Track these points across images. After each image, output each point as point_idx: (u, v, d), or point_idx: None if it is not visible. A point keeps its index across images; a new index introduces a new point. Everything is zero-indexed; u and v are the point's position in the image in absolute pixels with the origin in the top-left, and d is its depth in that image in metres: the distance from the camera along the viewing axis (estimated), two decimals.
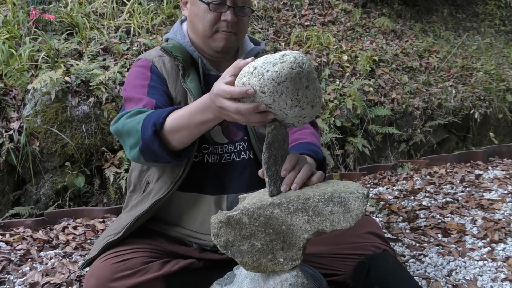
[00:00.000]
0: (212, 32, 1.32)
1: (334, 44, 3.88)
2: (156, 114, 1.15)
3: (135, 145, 1.17)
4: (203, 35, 1.33)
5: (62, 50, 2.77)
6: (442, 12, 5.67)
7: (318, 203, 0.99)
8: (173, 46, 1.36)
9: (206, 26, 1.31)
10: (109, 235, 1.29)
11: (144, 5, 3.49)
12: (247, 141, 1.41)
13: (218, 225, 1.03)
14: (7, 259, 1.88)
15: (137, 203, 1.35)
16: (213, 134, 1.39)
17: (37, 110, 2.41)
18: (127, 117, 1.20)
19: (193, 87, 1.32)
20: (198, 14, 1.32)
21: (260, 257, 1.04)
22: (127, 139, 1.20)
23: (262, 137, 1.38)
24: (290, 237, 1.02)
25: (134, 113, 1.20)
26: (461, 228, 2.19)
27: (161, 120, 1.12)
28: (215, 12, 1.29)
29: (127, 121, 1.19)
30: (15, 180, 2.38)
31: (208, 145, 1.37)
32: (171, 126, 1.12)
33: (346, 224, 0.99)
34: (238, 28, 1.34)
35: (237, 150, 1.40)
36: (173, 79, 1.35)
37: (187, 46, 1.38)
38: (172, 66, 1.36)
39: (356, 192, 0.98)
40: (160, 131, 1.12)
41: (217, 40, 1.33)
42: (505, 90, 4.06)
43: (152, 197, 1.30)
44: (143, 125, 1.14)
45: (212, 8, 1.29)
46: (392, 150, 3.39)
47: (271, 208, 1.01)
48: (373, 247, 1.32)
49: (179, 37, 1.40)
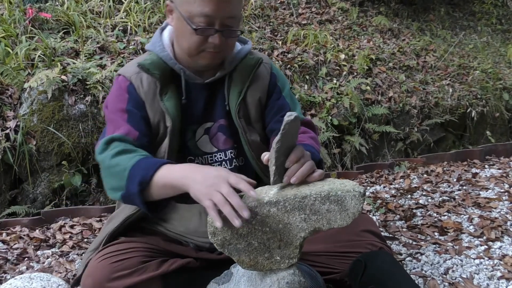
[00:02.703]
0: (198, 52, 1.26)
1: (331, 43, 3.88)
2: (143, 169, 1.13)
3: (117, 190, 1.17)
4: (188, 53, 1.27)
5: (58, 48, 2.77)
6: (439, 11, 5.68)
7: (315, 202, 0.99)
8: (151, 62, 1.30)
9: (192, 47, 1.24)
10: (90, 251, 1.33)
11: (141, 4, 3.48)
12: (237, 149, 1.39)
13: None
14: (4, 258, 1.88)
15: (114, 215, 1.38)
16: (200, 144, 1.37)
17: (34, 109, 2.40)
18: (112, 156, 1.18)
19: (170, 106, 1.28)
20: (184, 33, 1.24)
21: (257, 256, 1.04)
22: (110, 180, 1.20)
23: (254, 144, 1.36)
24: (287, 236, 1.02)
25: (119, 151, 1.18)
26: (457, 227, 2.19)
27: (147, 179, 1.11)
28: (202, 35, 1.22)
29: (112, 162, 1.17)
30: (11, 179, 2.38)
31: (194, 157, 1.36)
32: (154, 188, 1.13)
33: (342, 222, 0.99)
34: (225, 47, 1.28)
35: (228, 158, 1.38)
36: (150, 98, 1.29)
37: (167, 60, 1.32)
38: (149, 83, 1.30)
39: (353, 190, 0.98)
40: (145, 190, 1.13)
41: (203, 59, 1.27)
42: (502, 89, 4.07)
43: (125, 211, 1.32)
44: (129, 177, 1.13)
45: (199, 33, 1.21)
46: (389, 149, 3.40)
47: (267, 206, 1.01)
48: (370, 245, 1.32)
49: (158, 49, 1.33)
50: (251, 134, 1.37)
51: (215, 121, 1.38)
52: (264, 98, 1.39)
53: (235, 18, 1.25)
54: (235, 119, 1.34)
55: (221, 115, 1.37)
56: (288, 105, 1.40)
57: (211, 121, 1.38)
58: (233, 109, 1.34)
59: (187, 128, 1.35)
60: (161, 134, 1.30)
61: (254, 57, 1.40)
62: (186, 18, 1.21)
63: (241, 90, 1.35)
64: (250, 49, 1.42)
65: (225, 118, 1.37)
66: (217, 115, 1.38)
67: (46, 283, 1.43)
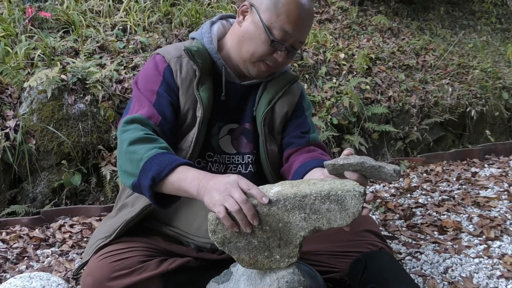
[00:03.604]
0: (257, 60, 1.28)
1: (331, 42, 3.88)
2: (159, 165, 1.12)
3: (130, 175, 1.16)
4: (248, 57, 1.29)
5: (58, 48, 2.76)
6: (439, 10, 5.67)
7: (315, 201, 0.99)
8: (197, 49, 1.30)
9: (256, 54, 1.27)
10: (100, 237, 1.29)
11: (141, 3, 3.48)
12: (256, 155, 1.40)
13: (215, 222, 1.03)
14: (4, 257, 1.88)
15: (128, 202, 1.35)
16: (222, 143, 1.37)
17: (33, 108, 2.40)
18: (131, 142, 1.17)
19: (205, 96, 1.28)
20: (255, 39, 1.25)
21: (257, 254, 1.04)
22: (124, 163, 1.19)
23: (272, 153, 1.38)
24: (286, 235, 1.02)
25: (139, 138, 1.17)
26: (457, 226, 2.19)
27: (161, 176, 1.11)
28: (273, 48, 1.25)
29: (130, 148, 1.16)
30: (11, 179, 2.38)
31: (213, 153, 1.36)
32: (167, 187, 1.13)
33: (342, 222, 0.99)
34: (281, 65, 1.32)
35: (245, 162, 1.39)
36: (186, 84, 1.30)
37: (212, 53, 1.33)
38: (188, 70, 1.30)
39: (353, 190, 0.98)
40: (156, 185, 1.12)
41: (257, 68, 1.30)
42: (501, 88, 4.07)
43: (144, 200, 1.29)
44: (143, 168, 1.12)
45: (272, 45, 1.24)
46: (388, 148, 3.40)
47: (268, 205, 1.01)
48: (370, 245, 1.33)
49: (206, 40, 1.34)
50: (271, 143, 1.39)
51: (241, 124, 1.39)
52: (290, 113, 1.43)
53: (303, 43, 1.31)
54: (260, 126, 1.36)
55: (248, 119, 1.39)
56: (309, 125, 1.45)
57: (237, 123, 1.39)
58: (259, 116, 1.36)
59: (214, 123, 1.35)
60: (188, 123, 1.30)
61: (292, 74, 1.44)
62: (266, 27, 1.23)
63: (271, 100, 1.37)
64: (289, 67, 1.47)
65: (250, 123, 1.39)
66: (244, 119, 1.39)
67: (46, 282, 1.43)
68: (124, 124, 1.22)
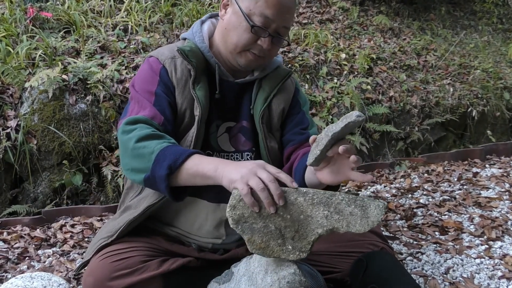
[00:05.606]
0: (243, 50, 1.29)
1: (332, 42, 3.88)
2: (173, 154, 1.12)
3: (140, 171, 1.16)
4: (233, 49, 1.29)
5: (59, 48, 2.77)
6: (440, 10, 5.67)
7: (342, 201, 1.01)
8: (190, 49, 1.31)
9: (239, 43, 1.27)
10: (102, 237, 1.29)
11: (142, 3, 3.48)
12: (255, 152, 1.40)
13: (238, 198, 1.03)
14: (5, 257, 1.88)
15: (132, 205, 1.35)
16: (220, 141, 1.38)
17: (35, 108, 2.40)
18: (138, 139, 1.17)
19: (201, 95, 1.29)
20: (236, 28, 1.27)
21: (270, 239, 1.04)
22: (132, 161, 1.18)
23: (273, 150, 1.38)
24: (304, 228, 1.03)
25: (148, 135, 1.17)
26: (458, 226, 2.19)
27: (177, 164, 1.11)
28: (255, 35, 1.25)
29: (138, 144, 1.16)
30: (12, 179, 2.38)
31: (212, 151, 1.36)
32: (183, 175, 1.12)
33: (360, 228, 1.00)
34: (269, 54, 1.32)
35: (244, 159, 1.38)
36: (181, 84, 1.30)
37: (205, 51, 1.34)
38: (183, 70, 1.31)
39: (378, 201, 1.00)
40: (172, 173, 1.12)
41: (244, 58, 1.30)
42: (503, 88, 4.07)
43: (147, 200, 1.29)
44: (157, 159, 1.12)
45: (253, 31, 1.24)
46: (389, 148, 3.40)
47: (296, 194, 1.02)
48: (371, 245, 1.33)
49: (197, 39, 1.35)
50: (271, 140, 1.39)
51: (238, 121, 1.39)
52: (287, 109, 1.43)
53: (287, 29, 1.30)
54: (258, 124, 1.37)
55: (245, 117, 1.39)
56: (308, 121, 1.45)
57: (234, 121, 1.39)
58: (257, 114, 1.37)
59: (212, 122, 1.36)
60: (186, 122, 1.30)
61: (285, 69, 1.44)
62: (245, 14, 1.24)
63: (267, 97, 1.38)
64: (281, 62, 1.47)
65: (248, 121, 1.39)
66: (241, 116, 1.39)
67: (47, 282, 1.43)
68: (126, 125, 1.22)
